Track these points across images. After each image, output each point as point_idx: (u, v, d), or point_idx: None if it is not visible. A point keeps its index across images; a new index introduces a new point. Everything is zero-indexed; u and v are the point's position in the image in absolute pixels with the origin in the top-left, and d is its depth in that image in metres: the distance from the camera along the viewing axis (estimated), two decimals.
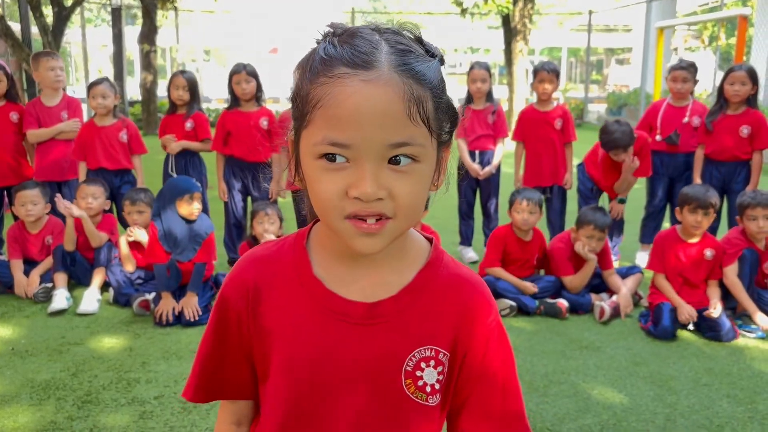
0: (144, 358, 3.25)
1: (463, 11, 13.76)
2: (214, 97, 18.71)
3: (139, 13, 16.28)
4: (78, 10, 11.70)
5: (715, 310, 3.54)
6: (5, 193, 4.64)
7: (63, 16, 9.28)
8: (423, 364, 0.95)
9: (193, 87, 4.69)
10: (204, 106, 6.75)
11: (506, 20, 14.04)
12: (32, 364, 3.18)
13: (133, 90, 18.03)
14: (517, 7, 13.49)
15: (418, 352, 0.95)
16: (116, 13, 14.40)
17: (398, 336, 0.94)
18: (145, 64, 13.60)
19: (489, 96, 4.90)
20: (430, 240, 1.02)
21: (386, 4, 53.67)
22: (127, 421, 2.68)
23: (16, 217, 4.48)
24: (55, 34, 8.99)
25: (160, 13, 14.25)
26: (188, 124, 4.67)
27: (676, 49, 24.68)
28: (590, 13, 16.07)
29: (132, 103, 15.32)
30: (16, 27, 9.11)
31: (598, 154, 4.72)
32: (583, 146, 5.62)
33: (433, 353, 0.96)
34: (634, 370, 3.19)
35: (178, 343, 3.44)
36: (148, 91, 13.40)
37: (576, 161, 4.93)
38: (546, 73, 4.72)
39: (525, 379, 3.02)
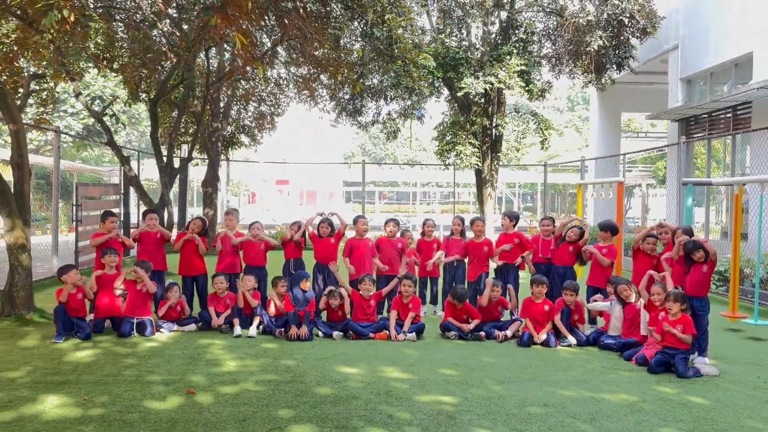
0: (290, 352, 7.36)
1: (447, 165, 18.65)
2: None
3: (201, 162, 21.14)
4: None
5: (543, 335, 7.77)
6: (194, 280, 8.94)
7: (174, 174, 13.98)
8: None
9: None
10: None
11: (478, 171, 18.88)
12: (248, 349, 7.32)
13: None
14: (485, 163, 18.37)
15: None
16: (185, 163, 19.20)
17: None
18: (207, 202, 18.31)
19: (462, 233, 9.38)
20: None
21: (390, 150, 59.90)
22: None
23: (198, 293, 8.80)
24: (171, 183, 13.70)
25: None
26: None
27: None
28: (545, 165, 21.06)
29: None
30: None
31: None
32: None
33: None
34: (510, 356, 7.33)
35: (301, 348, 7.55)
36: (210, 221, 17.97)
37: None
38: (479, 221, 9.22)
39: (462, 357, 7.20)
